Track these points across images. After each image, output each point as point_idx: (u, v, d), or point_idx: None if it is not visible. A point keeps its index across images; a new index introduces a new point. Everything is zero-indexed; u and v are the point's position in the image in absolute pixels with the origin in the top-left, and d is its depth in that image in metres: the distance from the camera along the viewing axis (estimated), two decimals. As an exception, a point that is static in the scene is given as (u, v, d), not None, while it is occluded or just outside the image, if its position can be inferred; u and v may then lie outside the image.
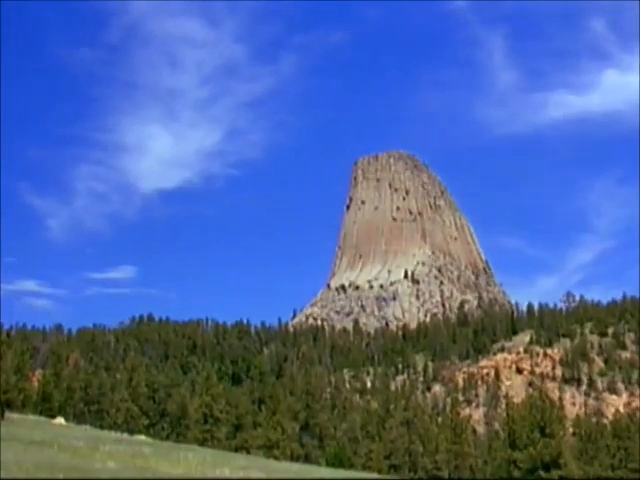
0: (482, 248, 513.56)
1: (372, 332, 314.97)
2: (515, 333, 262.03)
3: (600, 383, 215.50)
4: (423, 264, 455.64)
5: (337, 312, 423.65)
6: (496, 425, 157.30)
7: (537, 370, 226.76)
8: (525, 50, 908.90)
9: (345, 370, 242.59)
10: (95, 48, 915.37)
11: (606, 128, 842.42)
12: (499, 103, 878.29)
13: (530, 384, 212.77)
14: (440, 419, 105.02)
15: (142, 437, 54.29)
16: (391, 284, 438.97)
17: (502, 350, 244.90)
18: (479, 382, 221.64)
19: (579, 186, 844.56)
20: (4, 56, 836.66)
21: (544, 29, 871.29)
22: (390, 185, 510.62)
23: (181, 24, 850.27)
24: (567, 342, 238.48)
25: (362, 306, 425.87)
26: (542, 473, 58.82)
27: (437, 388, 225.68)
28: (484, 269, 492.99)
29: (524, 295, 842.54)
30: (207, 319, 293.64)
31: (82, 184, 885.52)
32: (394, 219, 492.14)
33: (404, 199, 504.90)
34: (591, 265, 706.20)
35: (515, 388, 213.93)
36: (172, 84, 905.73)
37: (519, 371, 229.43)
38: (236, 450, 67.59)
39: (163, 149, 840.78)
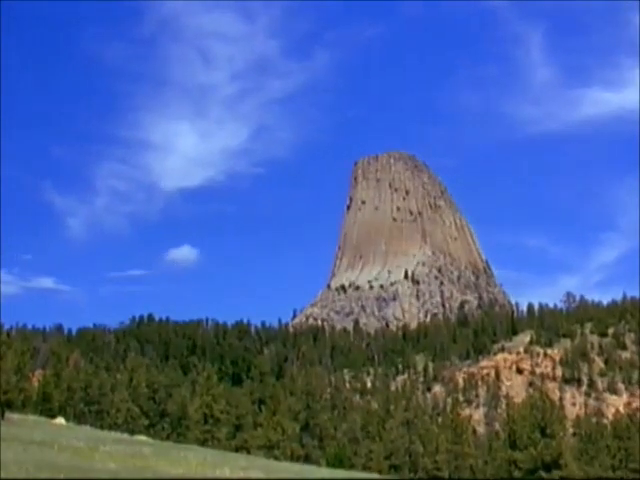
0: (484, 247, 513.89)
1: (372, 332, 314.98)
2: (515, 333, 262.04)
3: (600, 383, 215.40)
4: (423, 264, 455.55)
5: (337, 312, 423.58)
6: (496, 425, 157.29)
7: (537, 370, 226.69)
8: (564, 46, 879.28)
9: (345, 370, 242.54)
10: (126, 43, 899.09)
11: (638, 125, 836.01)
12: (534, 100, 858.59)
13: (530, 384, 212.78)
14: (440, 419, 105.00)
15: (142, 437, 54.27)
16: (391, 284, 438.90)
17: (502, 350, 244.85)
18: (479, 382, 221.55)
19: (608, 184, 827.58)
20: (34, 51, 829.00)
21: (584, 25, 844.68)
22: (390, 185, 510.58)
23: (215, 19, 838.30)
24: (567, 342, 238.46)
25: (362, 306, 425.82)
26: (543, 473, 58.82)
27: (437, 388, 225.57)
28: (484, 269, 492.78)
29: (543, 295, 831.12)
30: (207, 319, 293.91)
31: (103, 183, 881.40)
32: (394, 219, 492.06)
33: (404, 199, 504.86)
34: (614, 264, 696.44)
35: (515, 388, 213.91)
36: (203, 80, 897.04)
37: (519, 371, 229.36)
38: (236, 450, 67.54)
39: (188, 147, 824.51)
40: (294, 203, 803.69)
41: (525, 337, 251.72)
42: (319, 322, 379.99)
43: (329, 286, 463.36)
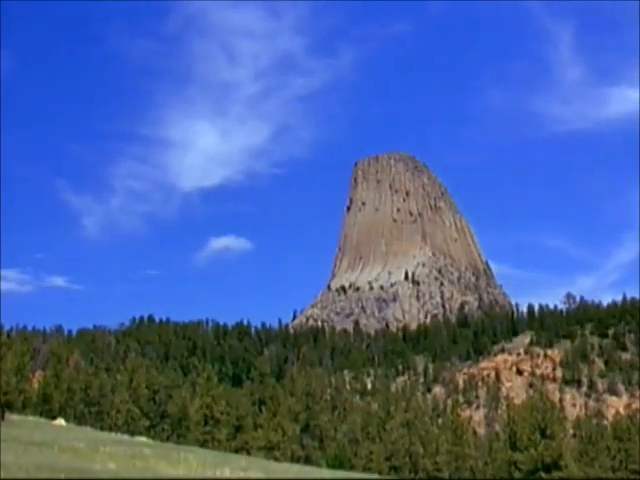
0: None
1: (372, 333, 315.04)
2: (515, 334, 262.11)
3: (600, 384, 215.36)
4: (423, 265, 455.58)
5: (337, 313, 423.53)
6: (497, 426, 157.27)
7: (537, 371, 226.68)
8: (593, 45, 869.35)
9: (345, 371, 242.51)
10: (151, 40, 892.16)
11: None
12: (562, 99, 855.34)
13: (530, 385, 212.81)
14: (440, 420, 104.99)
15: (142, 438, 54.23)
16: (391, 285, 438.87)
17: (502, 351, 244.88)
18: (479, 383, 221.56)
19: (628, 183, 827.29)
20: (55, 47, 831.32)
21: (613, 23, 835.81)
22: (390, 186, 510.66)
23: (241, 16, 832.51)
24: (567, 343, 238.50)
25: (362, 307, 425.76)
26: (543, 474, 58.78)
27: (437, 389, 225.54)
28: (484, 270, 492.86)
29: (557, 295, 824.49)
30: (207, 320, 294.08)
31: (120, 182, 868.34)
32: (394, 220, 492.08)
33: (404, 200, 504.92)
34: (630, 264, 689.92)
35: (515, 389, 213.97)
36: (227, 77, 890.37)
37: (519, 372, 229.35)
38: (236, 451, 67.48)
39: (208, 146, 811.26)
40: (297, 204, 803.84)
41: (525, 338, 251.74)
42: (319, 323, 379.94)
43: (329, 287, 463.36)
